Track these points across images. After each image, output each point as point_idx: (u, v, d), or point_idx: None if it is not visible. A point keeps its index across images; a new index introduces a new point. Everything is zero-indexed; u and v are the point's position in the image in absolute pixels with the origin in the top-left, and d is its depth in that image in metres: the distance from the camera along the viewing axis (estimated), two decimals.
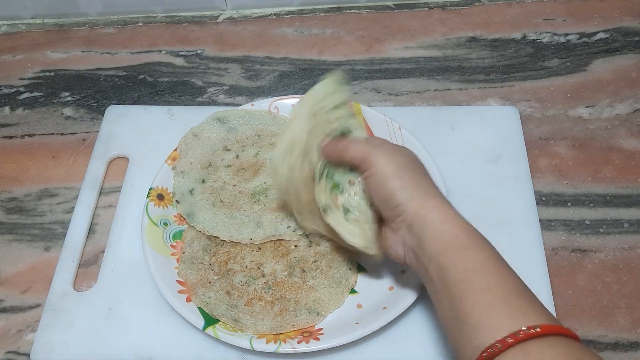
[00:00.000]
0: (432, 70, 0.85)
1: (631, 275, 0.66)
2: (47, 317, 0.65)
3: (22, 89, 0.87)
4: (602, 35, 0.88)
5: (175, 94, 0.85)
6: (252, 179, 0.72)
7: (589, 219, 0.71)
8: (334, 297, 0.64)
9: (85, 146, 0.80)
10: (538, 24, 0.90)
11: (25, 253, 0.71)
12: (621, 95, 0.81)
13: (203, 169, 0.73)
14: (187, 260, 0.66)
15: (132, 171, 0.76)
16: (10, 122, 0.84)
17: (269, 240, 0.67)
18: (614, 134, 0.78)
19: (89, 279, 0.69)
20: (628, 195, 0.72)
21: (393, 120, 0.74)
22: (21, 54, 0.92)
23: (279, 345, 0.59)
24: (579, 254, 0.68)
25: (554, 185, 0.74)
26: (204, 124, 0.76)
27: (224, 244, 0.67)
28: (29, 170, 0.78)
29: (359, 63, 0.87)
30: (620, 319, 0.64)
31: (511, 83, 0.83)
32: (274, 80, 0.86)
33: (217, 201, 0.70)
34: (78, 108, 0.84)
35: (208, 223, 0.68)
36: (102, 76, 0.88)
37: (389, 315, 0.60)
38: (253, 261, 0.66)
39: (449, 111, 0.79)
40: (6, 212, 0.75)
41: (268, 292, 0.64)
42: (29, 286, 0.69)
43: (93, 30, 0.94)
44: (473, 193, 0.71)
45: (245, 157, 0.74)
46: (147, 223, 0.68)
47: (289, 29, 0.92)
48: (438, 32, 0.90)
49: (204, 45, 0.91)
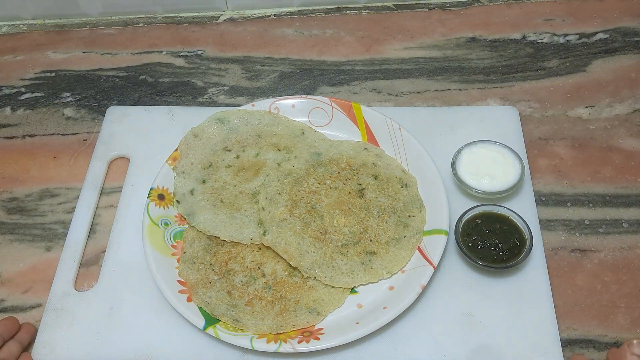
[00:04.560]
0: (432, 71, 0.86)
1: (631, 275, 0.66)
2: (48, 316, 0.65)
3: (23, 90, 0.87)
4: (602, 36, 0.88)
5: (175, 95, 0.85)
6: (253, 179, 0.72)
7: (588, 219, 0.71)
8: (334, 297, 0.64)
9: (86, 146, 0.80)
10: (538, 25, 0.90)
11: (27, 253, 0.71)
12: (621, 95, 0.82)
13: (204, 169, 0.73)
14: (187, 260, 0.66)
15: (132, 171, 0.76)
16: (11, 122, 0.84)
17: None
18: (614, 134, 0.78)
19: (89, 279, 0.69)
20: (627, 195, 0.72)
21: (393, 121, 0.74)
22: (22, 54, 0.92)
23: (280, 345, 0.60)
24: (578, 254, 0.68)
25: (553, 185, 0.74)
26: (204, 125, 0.76)
27: (224, 244, 0.68)
28: (30, 171, 0.78)
29: (359, 63, 0.87)
30: (620, 319, 0.64)
31: (511, 83, 0.84)
32: (274, 81, 0.86)
33: (217, 201, 0.70)
34: (79, 108, 0.85)
35: (208, 223, 0.68)
36: (102, 77, 0.88)
37: (389, 315, 0.61)
38: (253, 261, 0.66)
39: (448, 111, 0.79)
40: (7, 212, 0.75)
41: (268, 292, 0.64)
42: (30, 286, 0.69)
43: (94, 30, 0.94)
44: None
45: (246, 158, 0.74)
46: (148, 223, 0.68)
47: (289, 29, 0.93)
48: (438, 33, 0.90)
49: (205, 46, 0.91)
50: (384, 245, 0.66)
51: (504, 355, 0.61)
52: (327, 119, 0.77)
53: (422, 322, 0.63)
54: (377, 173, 0.72)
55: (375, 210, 0.69)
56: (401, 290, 0.63)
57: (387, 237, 0.67)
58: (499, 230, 0.66)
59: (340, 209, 0.68)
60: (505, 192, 0.69)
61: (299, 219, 0.67)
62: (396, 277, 0.65)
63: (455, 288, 0.65)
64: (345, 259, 0.65)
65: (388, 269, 0.65)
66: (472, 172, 0.71)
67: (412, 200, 0.70)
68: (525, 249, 0.64)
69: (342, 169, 0.72)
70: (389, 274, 0.65)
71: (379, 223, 0.68)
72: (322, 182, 0.70)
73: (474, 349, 0.61)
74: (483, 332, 0.62)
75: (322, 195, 0.69)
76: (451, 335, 0.62)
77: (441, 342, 0.62)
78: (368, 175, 0.71)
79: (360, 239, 0.67)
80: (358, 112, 0.76)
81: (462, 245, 0.66)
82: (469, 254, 0.65)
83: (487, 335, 0.62)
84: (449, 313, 0.63)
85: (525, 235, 0.65)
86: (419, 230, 0.68)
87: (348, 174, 0.71)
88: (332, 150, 0.74)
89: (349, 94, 0.83)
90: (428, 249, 0.66)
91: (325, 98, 0.77)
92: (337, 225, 0.67)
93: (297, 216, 0.67)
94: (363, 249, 0.66)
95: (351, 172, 0.72)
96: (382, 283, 0.65)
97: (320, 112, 0.77)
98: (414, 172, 0.72)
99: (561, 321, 0.63)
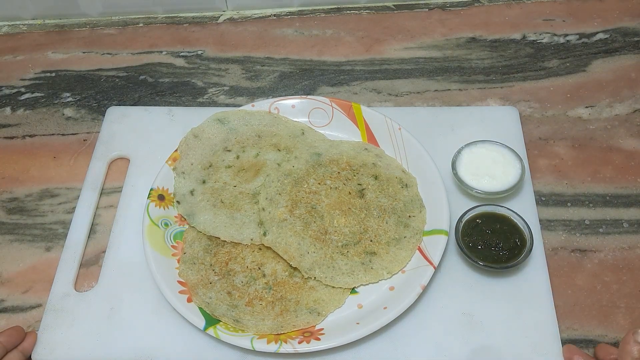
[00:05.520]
0: (432, 71, 0.86)
1: (631, 275, 0.66)
2: (48, 317, 0.65)
3: (23, 90, 0.87)
4: (602, 36, 0.88)
5: (175, 95, 0.85)
6: (253, 179, 0.72)
7: (588, 219, 0.71)
8: (334, 297, 0.64)
9: (86, 147, 0.80)
10: (538, 25, 0.90)
11: (27, 253, 0.71)
12: (621, 95, 0.82)
13: (204, 170, 0.73)
14: (188, 261, 0.66)
15: (132, 172, 0.76)
16: (11, 122, 0.84)
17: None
18: (614, 134, 0.78)
19: (90, 279, 0.69)
20: (627, 196, 0.72)
21: (393, 121, 0.74)
22: (22, 54, 0.92)
23: (280, 345, 0.60)
24: (578, 254, 0.68)
25: (553, 185, 0.74)
26: (204, 125, 0.76)
27: (224, 245, 0.68)
28: (30, 171, 0.78)
29: (359, 64, 0.87)
30: (620, 319, 0.64)
31: (511, 83, 0.84)
32: (275, 81, 0.86)
33: (217, 202, 0.70)
34: (79, 109, 0.85)
35: (209, 224, 0.68)
36: (102, 77, 0.88)
37: (389, 315, 0.61)
38: (254, 261, 0.66)
39: (448, 112, 0.79)
40: (7, 213, 0.75)
41: (269, 292, 0.64)
42: (30, 286, 0.69)
43: (94, 31, 0.94)
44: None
45: (246, 158, 0.74)
46: (148, 223, 0.68)
47: (289, 29, 0.93)
48: (438, 33, 0.90)
49: (205, 46, 0.91)
50: (384, 246, 0.66)
51: (504, 355, 0.61)
52: (327, 119, 0.77)
53: (423, 322, 0.63)
54: (377, 173, 0.72)
55: (375, 211, 0.69)
56: (401, 290, 0.63)
57: (388, 238, 0.67)
58: (499, 230, 0.66)
59: (340, 209, 0.68)
60: (505, 192, 0.69)
61: (299, 219, 0.67)
62: (396, 278, 0.65)
63: (455, 288, 0.65)
64: (346, 259, 0.65)
65: (388, 269, 0.65)
66: (472, 172, 0.71)
67: (412, 200, 0.70)
68: (526, 249, 0.64)
69: (342, 169, 0.72)
70: (390, 274, 0.65)
71: (379, 223, 0.68)
72: (322, 182, 0.70)
73: (475, 349, 0.61)
74: (483, 332, 0.62)
75: (322, 195, 0.69)
76: (451, 335, 0.62)
77: (441, 342, 0.62)
78: (368, 176, 0.71)
79: (361, 239, 0.67)
80: (358, 112, 0.76)
81: (463, 245, 0.66)
82: (469, 254, 0.65)
83: (488, 336, 0.62)
84: (450, 313, 0.63)
85: (525, 235, 0.65)
86: (419, 230, 0.68)
87: (348, 174, 0.71)
88: (332, 150, 0.74)
89: (349, 94, 0.83)
90: (428, 249, 0.66)
91: (325, 98, 0.77)
92: (338, 226, 0.67)
93: (298, 216, 0.67)
94: (363, 249, 0.66)
95: (351, 172, 0.72)
96: (383, 283, 0.65)
97: (320, 112, 0.77)
98: (414, 172, 0.72)
99: (561, 321, 0.63)
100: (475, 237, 0.66)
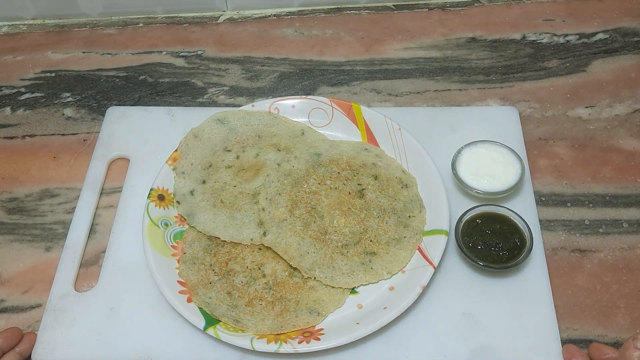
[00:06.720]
0: (432, 71, 0.86)
1: (630, 275, 0.66)
2: (48, 317, 0.65)
3: (23, 90, 0.87)
4: (602, 36, 0.88)
5: (175, 95, 0.85)
6: (253, 179, 0.72)
7: (588, 219, 0.71)
8: (334, 297, 0.64)
9: (86, 147, 0.80)
10: (537, 25, 0.91)
11: (26, 253, 0.71)
12: (620, 95, 0.82)
13: (204, 170, 0.73)
14: (187, 261, 0.66)
15: (132, 172, 0.76)
16: (11, 122, 0.84)
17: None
18: (614, 134, 0.78)
19: (89, 280, 0.69)
20: (627, 196, 0.72)
21: (393, 121, 0.74)
22: (22, 54, 0.92)
23: (280, 345, 0.60)
24: (578, 254, 0.68)
25: (553, 185, 0.74)
26: (204, 125, 0.76)
27: (224, 245, 0.68)
28: (30, 171, 0.78)
29: (359, 64, 0.87)
30: (620, 319, 0.64)
31: (511, 84, 0.84)
32: (274, 81, 0.86)
33: (217, 202, 0.70)
34: (79, 109, 0.85)
35: (209, 224, 0.68)
36: (102, 77, 0.88)
37: (389, 315, 0.61)
38: (254, 261, 0.66)
39: (448, 112, 0.79)
40: (7, 213, 0.75)
41: (269, 292, 0.64)
42: (30, 286, 0.69)
43: (94, 31, 0.94)
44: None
45: (246, 158, 0.74)
46: (148, 224, 0.68)
47: (289, 29, 0.93)
48: (438, 33, 0.90)
49: (205, 46, 0.91)
50: (384, 246, 0.66)
51: (504, 355, 0.61)
52: (327, 119, 0.77)
53: (422, 322, 0.63)
54: (377, 173, 0.72)
55: (375, 211, 0.69)
56: (401, 290, 0.63)
57: (387, 238, 0.67)
58: (499, 230, 0.66)
59: (340, 209, 0.68)
60: (505, 192, 0.69)
61: (299, 219, 0.67)
62: (396, 278, 0.65)
63: (455, 288, 0.65)
64: (346, 259, 0.65)
65: (388, 269, 0.65)
66: (472, 172, 0.71)
67: (412, 200, 0.70)
68: (526, 249, 0.64)
69: (342, 170, 0.72)
70: (389, 274, 0.65)
71: (379, 223, 0.68)
72: (322, 182, 0.70)
73: (474, 349, 0.61)
74: (483, 332, 0.62)
75: (322, 195, 0.69)
76: (451, 335, 0.62)
77: (441, 342, 0.62)
78: (368, 176, 0.71)
79: (361, 239, 0.67)
80: (358, 112, 0.76)
81: (463, 245, 0.66)
82: (469, 254, 0.65)
83: (487, 336, 0.62)
84: (449, 313, 0.63)
85: (525, 235, 0.65)
86: (419, 230, 0.68)
87: (348, 174, 0.71)
88: (332, 150, 0.74)
89: (349, 94, 0.83)
90: (428, 249, 0.66)
91: (325, 98, 0.77)
92: (337, 226, 0.67)
93: (297, 217, 0.67)
94: (363, 250, 0.66)
95: (351, 172, 0.72)
96: (383, 283, 0.65)
97: (320, 112, 0.77)
98: (414, 173, 0.72)
99: (561, 321, 0.63)
100: (475, 237, 0.66)
